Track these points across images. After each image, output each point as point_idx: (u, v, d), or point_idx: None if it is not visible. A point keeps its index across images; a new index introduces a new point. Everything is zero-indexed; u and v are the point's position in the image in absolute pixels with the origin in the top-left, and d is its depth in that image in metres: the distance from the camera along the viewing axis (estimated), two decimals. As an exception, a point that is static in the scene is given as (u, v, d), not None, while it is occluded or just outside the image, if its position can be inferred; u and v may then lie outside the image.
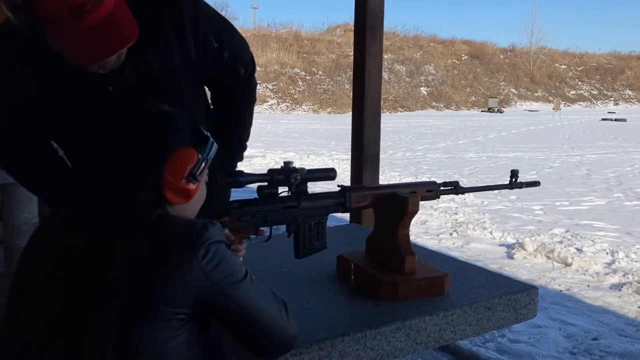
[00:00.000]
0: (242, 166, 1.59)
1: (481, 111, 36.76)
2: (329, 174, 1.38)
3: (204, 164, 0.97)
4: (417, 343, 1.32)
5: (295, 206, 1.36)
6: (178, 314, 0.86)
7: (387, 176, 8.29)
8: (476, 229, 5.19)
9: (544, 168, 9.77)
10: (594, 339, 2.88)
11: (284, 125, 21.16)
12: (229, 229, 1.24)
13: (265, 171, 1.31)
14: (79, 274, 0.88)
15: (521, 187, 1.66)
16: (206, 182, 1.05)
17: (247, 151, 1.70)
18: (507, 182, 1.65)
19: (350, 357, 1.21)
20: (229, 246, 1.21)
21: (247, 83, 1.60)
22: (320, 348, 1.17)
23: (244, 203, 1.30)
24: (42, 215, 2.65)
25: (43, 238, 0.97)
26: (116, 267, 0.86)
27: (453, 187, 1.57)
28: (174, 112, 0.98)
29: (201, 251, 0.87)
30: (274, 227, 1.35)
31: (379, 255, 1.53)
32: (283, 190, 1.35)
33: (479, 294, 1.46)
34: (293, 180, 1.32)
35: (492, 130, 19.39)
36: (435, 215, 5.75)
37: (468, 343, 2.74)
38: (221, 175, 1.22)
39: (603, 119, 26.74)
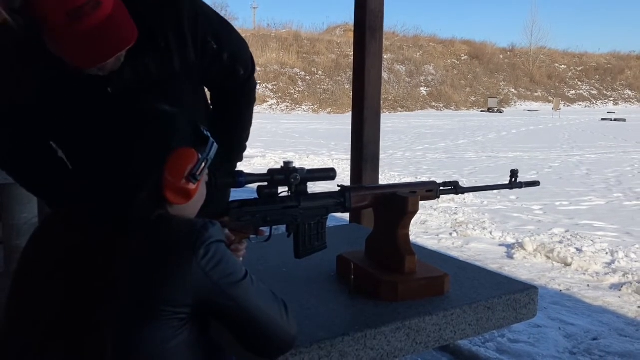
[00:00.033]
0: (242, 166, 1.59)
1: (481, 111, 36.76)
2: (328, 174, 1.38)
3: (204, 164, 0.97)
4: (417, 343, 1.32)
5: (295, 206, 1.36)
6: (178, 313, 0.86)
7: (387, 176, 8.29)
8: (476, 229, 5.19)
9: (544, 168, 9.77)
10: (594, 339, 2.88)
11: (283, 125, 21.16)
12: (229, 229, 1.24)
13: (265, 171, 1.31)
14: (79, 274, 0.88)
15: (521, 187, 1.66)
16: (206, 182, 1.05)
17: (247, 151, 1.70)
18: (507, 182, 1.65)
19: (350, 357, 1.21)
20: (229, 246, 1.21)
21: (247, 83, 1.59)
22: (320, 348, 1.17)
23: (244, 203, 1.30)
24: (42, 215, 2.65)
25: (43, 238, 0.97)
26: (116, 267, 0.86)
27: (453, 187, 1.58)
28: (174, 112, 0.98)
29: (201, 251, 0.87)
30: (274, 227, 1.35)
31: (379, 255, 1.53)
32: (283, 190, 1.35)
33: (479, 294, 1.46)
34: (293, 180, 1.32)
35: (492, 130, 19.39)
36: (435, 215, 5.75)
37: (468, 343, 2.74)
38: (221, 175, 1.22)
39: (603, 119, 26.75)
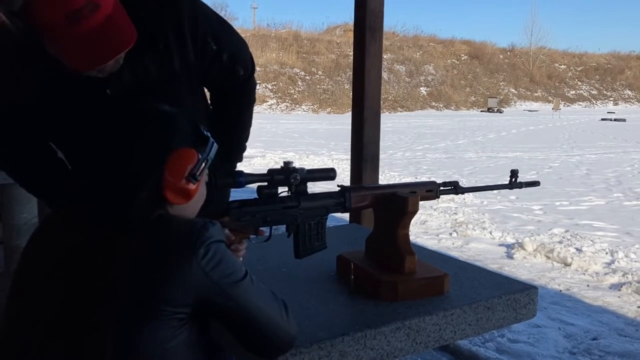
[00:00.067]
0: (242, 166, 1.59)
1: (481, 111, 36.77)
2: (328, 174, 1.38)
3: (204, 164, 0.97)
4: (417, 343, 1.32)
5: (295, 206, 1.36)
6: (178, 313, 0.86)
7: (387, 176, 8.29)
8: (476, 228, 5.19)
9: (544, 168, 9.77)
10: (594, 339, 2.89)
11: (283, 125, 21.16)
12: (229, 229, 1.24)
13: (265, 171, 1.31)
14: (79, 274, 0.88)
15: (521, 187, 1.66)
16: (206, 182, 1.05)
17: (247, 151, 1.70)
18: (507, 182, 1.65)
19: (350, 357, 1.21)
20: (229, 246, 1.21)
21: (247, 84, 1.59)
22: (320, 348, 1.17)
23: (243, 203, 1.30)
24: (42, 215, 2.65)
25: (43, 238, 0.97)
26: (116, 267, 0.86)
27: (453, 187, 1.58)
28: (174, 112, 0.98)
29: (201, 250, 0.87)
30: (273, 227, 1.35)
31: (379, 255, 1.53)
32: (283, 190, 1.35)
33: (479, 294, 1.46)
34: (293, 180, 1.32)
35: (492, 130, 19.39)
36: (435, 215, 5.75)
37: (468, 343, 2.74)
38: (221, 175, 1.22)
39: (602, 119, 26.75)
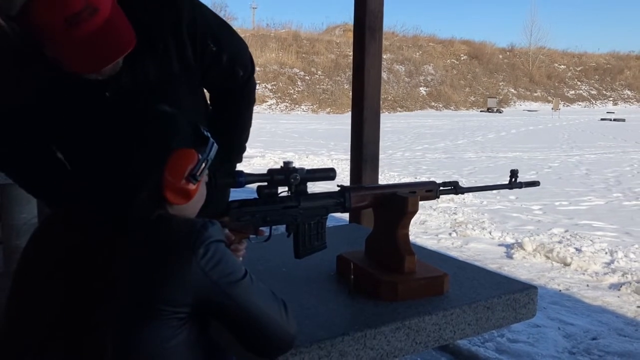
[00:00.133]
0: (242, 166, 1.59)
1: (480, 111, 36.79)
2: (328, 174, 1.38)
3: (204, 165, 0.98)
4: (417, 343, 1.32)
5: (295, 206, 1.36)
6: (178, 313, 0.86)
7: (387, 176, 8.29)
8: (475, 228, 5.19)
9: (543, 168, 9.78)
10: (593, 339, 2.89)
11: (283, 125, 21.16)
12: (228, 229, 1.24)
13: (264, 171, 1.31)
14: (79, 274, 0.88)
15: (520, 187, 1.66)
16: (206, 183, 1.05)
17: (247, 151, 1.70)
18: (507, 182, 1.65)
19: (350, 357, 1.21)
20: (229, 246, 1.21)
21: (246, 85, 1.59)
22: (320, 347, 1.17)
23: (243, 203, 1.30)
24: (42, 215, 2.65)
25: (43, 238, 0.97)
26: (116, 267, 0.86)
27: (452, 187, 1.58)
28: (174, 113, 0.98)
29: (200, 250, 0.87)
30: (273, 227, 1.35)
31: (379, 255, 1.53)
32: (283, 190, 1.35)
33: (478, 294, 1.47)
34: (293, 180, 1.32)
35: (491, 130, 19.40)
36: (435, 215, 5.75)
37: (467, 343, 2.74)
38: (221, 176, 1.22)
39: (602, 119, 26.78)
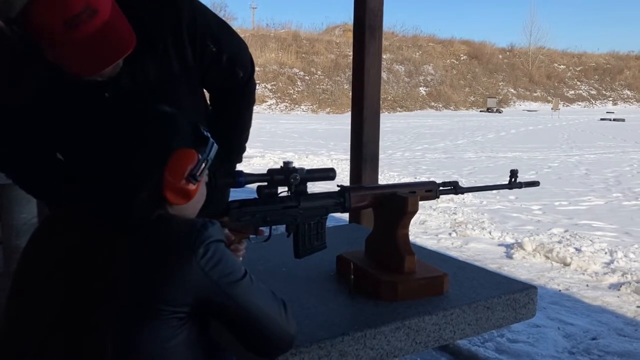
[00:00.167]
0: (241, 166, 1.59)
1: (480, 111, 36.78)
2: (328, 174, 1.38)
3: (204, 165, 0.98)
4: (417, 342, 1.32)
5: (295, 206, 1.36)
6: (178, 313, 0.86)
7: (386, 176, 8.29)
8: (475, 228, 5.19)
9: (543, 168, 9.77)
10: (593, 339, 2.89)
11: (282, 125, 21.15)
12: (228, 229, 1.24)
13: (264, 171, 1.31)
14: (79, 274, 0.89)
15: (520, 187, 1.66)
16: (206, 183, 1.05)
17: (246, 151, 1.70)
18: (507, 182, 1.65)
19: (349, 357, 1.21)
20: (229, 246, 1.21)
21: (246, 85, 1.59)
22: (320, 347, 1.17)
23: (243, 203, 1.30)
24: (42, 215, 2.65)
25: (43, 238, 0.97)
26: (116, 267, 0.86)
27: (452, 187, 1.58)
28: (174, 113, 0.98)
29: (200, 250, 0.87)
30: (273, 227, 1.35)
31: (379, 255, 1.53)
32: (283, 190, 1.35)
33: (478, 294, 1.47)
34: (292, 180, 1.32)
35: (491, 130, 19.40)
36: (434, 215, 5.75)
37: (467, 343, 2.74)
38: (221, 176, 1.22)
39: (602, 119, 26.76)
